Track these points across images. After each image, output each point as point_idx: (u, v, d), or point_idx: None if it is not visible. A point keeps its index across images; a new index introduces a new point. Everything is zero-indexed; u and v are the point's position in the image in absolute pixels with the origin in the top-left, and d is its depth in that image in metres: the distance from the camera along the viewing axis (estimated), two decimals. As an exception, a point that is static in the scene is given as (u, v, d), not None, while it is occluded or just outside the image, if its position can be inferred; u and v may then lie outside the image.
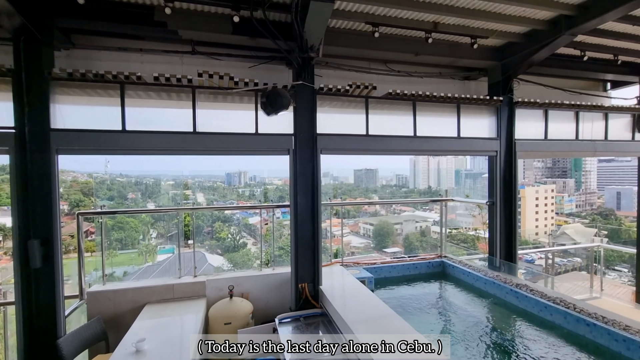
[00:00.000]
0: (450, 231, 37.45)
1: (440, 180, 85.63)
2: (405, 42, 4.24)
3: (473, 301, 4.60)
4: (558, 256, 29.24)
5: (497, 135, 4.77)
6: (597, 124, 5.27)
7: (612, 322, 3.23)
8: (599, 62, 5.04)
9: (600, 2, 3.40)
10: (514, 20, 3.82)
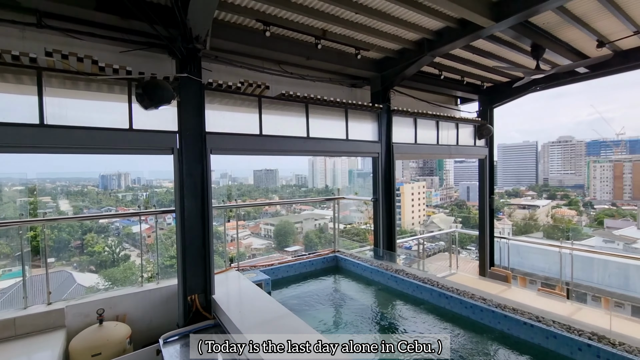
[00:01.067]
0: (345, 227, 40.33)
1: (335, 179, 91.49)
2: (298, 45, 4.34)
3: (362, 290, 5.04)
4: (428, 241, 34.50)
5: (378, 139, 5.34)
6: (451, 132, 6.46)
7: (462, 293, 3.98)
8: (452, 81, 6.17)
9: (450, 32, 4.15)
10: (389, 37, 4.33)
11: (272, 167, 59.07)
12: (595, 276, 13.84)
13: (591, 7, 3.75)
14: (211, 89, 3.74)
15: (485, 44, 4.75)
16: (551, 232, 35.45)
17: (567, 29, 4.23)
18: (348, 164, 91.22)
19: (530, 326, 3.23)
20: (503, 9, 3.52)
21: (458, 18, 3.88)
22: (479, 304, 3.70)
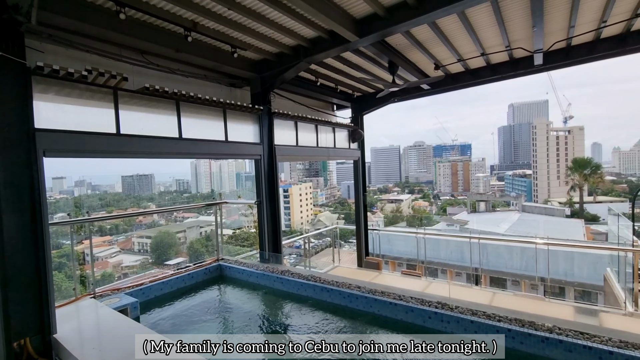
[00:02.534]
0: (234, 232, 38.84)
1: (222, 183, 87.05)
2: (164, 34, 3.89)
3: (248, 296, 4.89)
4: (316, 239, 36.40)
5: (260, 141, 5.29)
6: (329, 135, 6.95)
7: (341, 284, 4.30)
8: (327, 88, 6.63)
9: (323, 42, 4.43)
10: (266, 39, 4.33)
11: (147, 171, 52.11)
12: (442, 253, 17.09)
13: (429, 36, 4.59)
14: (43, 74, 2.97)
15: (353, 57, 5.27)
16: (412, 220, 42.36)
17: (414, 51, 5.08)
18: (235, 166, 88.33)
19: (395, 305, 3.72)
20: (365, 26, 3.96)
21: (329, 30, 4.17)
22: (354, 292, 4.06)
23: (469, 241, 8.16)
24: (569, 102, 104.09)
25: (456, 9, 3.40)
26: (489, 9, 3.86)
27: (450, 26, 4.32)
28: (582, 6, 3.90)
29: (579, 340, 2.75)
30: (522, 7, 3.84)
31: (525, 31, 4.45)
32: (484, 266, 16.47)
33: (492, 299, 4.72)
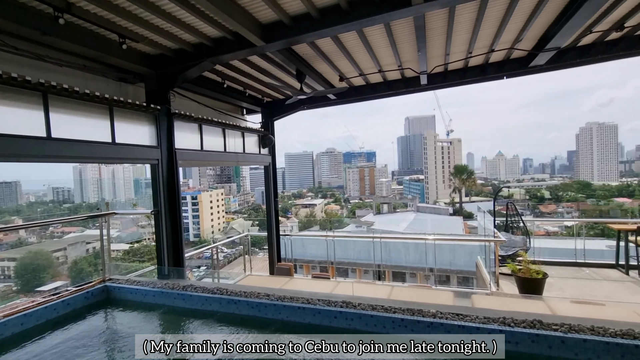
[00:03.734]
0: (132, 245, 34.31)
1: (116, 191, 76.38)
2: (26, 12, 3.19)
3: (143, 319, 4.32)
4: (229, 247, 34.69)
5: (157, 144, 4.78)
6: (238, 140, 6.72)
7: (249, 294, 4.15)
8: (236, 92, 6.42)
9: (228, 43, 4.27)
10: (163, 33, 3.95)
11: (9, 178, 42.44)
12: (352, 254, 18.13)
13: (333, 49, 4.86)
14: None
15: (262, 62, 5.22)
16: (324, 224, 44.03)
17: (320, 62, 5.30)
18: (133, 172, 78.21)
19: (303, 309, 3.76)
20: (271, 32, 3.96)
21: (234, 31, 4.04)
22: (263, 301, 3.97)
23: (372, 240, 8.85)
24: (450, 118, 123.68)
25: (354, 26, 3.67)
26: (383, 31, 4.28)
27: (351, 42, 4.65)
28: (453, 39, 4.65)
29: (455, 321, 3.21)
30: (410, 33, 4.38)
31: (413, 54, 5.09)
32: (387, 262, 18.06)
33: (390, 293, 5.19)
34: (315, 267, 20.78)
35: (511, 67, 5.70)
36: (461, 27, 4.37)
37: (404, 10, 3.28)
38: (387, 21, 3.77)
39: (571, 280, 6.89)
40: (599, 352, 2.75)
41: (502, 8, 3.91)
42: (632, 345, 2.69)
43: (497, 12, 3.99)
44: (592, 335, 2.82)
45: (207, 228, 63.30)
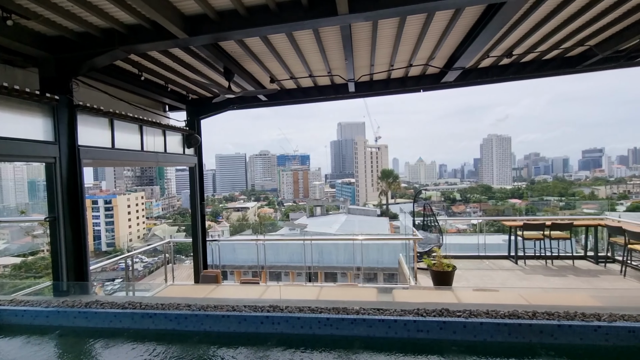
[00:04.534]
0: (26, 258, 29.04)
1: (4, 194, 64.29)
2: None
3: (32, 346, 3.65)
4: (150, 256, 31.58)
5: (55, 140, 4.11)
6: (159, 139, 6.18)
7: (168, 306, 3.82)
8: (156, 86, 5.90)
9: (145, 31, 3.89)
10: (62, 12, 3.42)
11: None
12: (285, 257, 18.06)
13: (263, 50, 4.79)
14: None
15: (187, 57, 4.89)
16: (257, 227, 43.07)
17: (249, 61, 5.18)
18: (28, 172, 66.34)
19: (227, 317, 3.59)
20: (195, 25, 3.73)
21: (152, 19, 3.70)
22: (183, 313, 3.68)
23: (303, 243, 8.92)
24: (378, 125, 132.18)
25: (283, 29, 3.68)
26: (312, 37, 4.37)
27: (281, 44, 4.65)
28: (377, 51, 4.98)
29: (376, 316, 3.40)
30: (337, 41, 4.55)
31: (341, 62, 5.30)
32: (319, 264, 18.37)
33: (319, 293, 5.28)
34: (247, 273, 20.18)
35: (427, 81, 6.32)
36: (384, 41, 4.69)
37: (330, 19, 3.39)
38: (315, 27, 3.86)
39: (475, 271, 7.87)
40: (492, 332, 3.17)
41: (417, 28, 4.31)
42: (517, 324, 3.17)
43: (413, 30, 4.38)
44: (487, 318, 3.25)
45: (123, 235, 56.91)
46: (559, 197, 78.20)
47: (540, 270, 7.57)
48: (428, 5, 3.30)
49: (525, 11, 3.96)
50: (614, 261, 7.70)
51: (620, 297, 5.76)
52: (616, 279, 6.87)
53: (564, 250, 8.12)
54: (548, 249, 7.86)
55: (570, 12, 4.08)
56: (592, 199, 74.17)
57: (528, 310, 3.27)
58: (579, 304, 3.59)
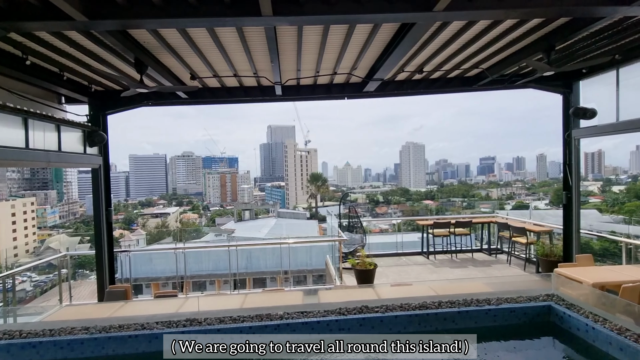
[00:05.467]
0: None
1: None
2: None
3: None
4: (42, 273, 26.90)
5: None
6: (51, 135, 5.26)
7: (59, 331, 3.25)
8: (48, 73, 5.03)
9: (30, 8, 3.28)
10: None
11: None
12: (210, 265, 17.06)
13: (181, 44, 4.45)
14: None
15: (88, 43, 4.27)
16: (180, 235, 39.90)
17: (166, 55, 4.77)
18: None
19: (135, 337, 3.21)
20: (97, 8, 3.28)
21: (40, -6, 3.14)
22: (79, 337, 3.17)
23: (228, 249, 8.54)
24: (308, 129, 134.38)
25: (203, 23, 3.48)
26: (236, 35, 4.22)
27: (203, 40, 4.38)
28: (303, 56, 5.05)
29: (299, 319, 3.40)
30: (263, 43, 4.48)
31: (267, 64, 5.23)
32: (248, 270, 17.80)
33: (243, 301, 5.09)
34: (166, 285, 18.55)
35: (350, 89, 6.65)
36: (309, 48, 4.78)
37: (254, 19, 3.32)
38: (238, 25, 3.73)
39: (394, 268, 8.50)
40: (405, 324, 3.44)
41: (340, 38, 4.50)
42: (425, 314, 3.50)
43: (337, 40, 4.56)
44: (401, 311, 3.51)
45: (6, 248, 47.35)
46: (462, 198, 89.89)
47: (447, 263, 8.53)
48: (349, 18, 3.46)
49: (431, 34, 4.44)
50: (502, 252, 9.10)
51: (505, 282, 6.82)
52: (504, 267, 8.12)
53: (466, 244, 9.31)
54: (453, 244, 8.93)
55: (466, 38, 4.71)
56: (487, 200, 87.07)
57: (435, 301, 3.64)
58: (475, 291, 4.13)
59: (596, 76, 6.22)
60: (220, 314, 3.51)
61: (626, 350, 2.73)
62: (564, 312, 3.35)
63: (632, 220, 25.56)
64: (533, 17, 3.94)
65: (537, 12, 3.66)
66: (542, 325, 3.49)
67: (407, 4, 3.28)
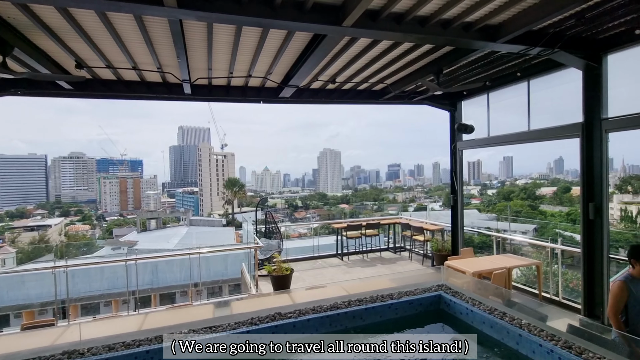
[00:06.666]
0: None
1: None
2: None
3: None
4: None
5: None
6: None
7: None
8: None
9: None
10: None
11: None
12: (104, 284, 14.79)
13: (62, 25, 3.77)
14: None
15: None
16: (65, 250, 33.74)
17: (42, 36, 3.99)
18: None
19: (-14, 385, 2.54)
20: None
21: None
22: None
23: (133, 263, 7.53)
24: (224, 133, 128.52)
25: (89, 5, 2.99)
26: (134, 24, 3.77)
27: (91, 24, 3.79)
28: (214, 55, 4.80)
29: (207, 334, 3.16)
30: (167, 36, 4.10)
31: (173, 59, 4.82)
32: (154, 285, 16.00)
33: (143, 322, 4.51)
34: (44, 312, 15.60)
35: (267, 94, 6.59)
36: (221, 47, 4.57)
37: (155, 8, 3.00)
38: (137, 13, 3.34)
39: (310, 271, 8.66)
40: (317, 326, 3.51)
41: (254, 41, 4.42)
42: (336, 314, 3.62)
43: (250, 42, 4.47)
44: (314, 314, 3.57)
45: None
46: (373, 202, 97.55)
47: (359, 264, 9.07)
48: (262, 21, 3.42)
49: (342, 47, 4.71)
50: (405, 250, 10.10)
51: (407, 277, 7.58)
52: (406, 263, 9.02)
53: (375, 244, 10.06)
54: (364, 245, 9.55)
55: (372, 55, 5.14)
56: (394, 203, 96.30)
57: (345, 300, 3.80)
58: (382, 287, 4.46)
59: (474, 98, 7.45)
60: (109, 340, 3.03)
61: (495, 327, 3.28)
62: (450, 299, 3.86)
63: (500, 218, 31.25)
64: (425, 42, 4.51)
65: (428, 39, 4.21)
66: (434, 313, 3.96)
67: (318, 15, 3.40)
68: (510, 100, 6.62)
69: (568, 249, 6.42)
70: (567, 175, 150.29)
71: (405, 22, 3.81)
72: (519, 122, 6.27)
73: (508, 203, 63.61)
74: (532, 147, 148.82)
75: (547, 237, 10.56)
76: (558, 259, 6.45)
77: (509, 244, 8.37)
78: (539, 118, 5.94)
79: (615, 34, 4.44)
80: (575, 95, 5.08)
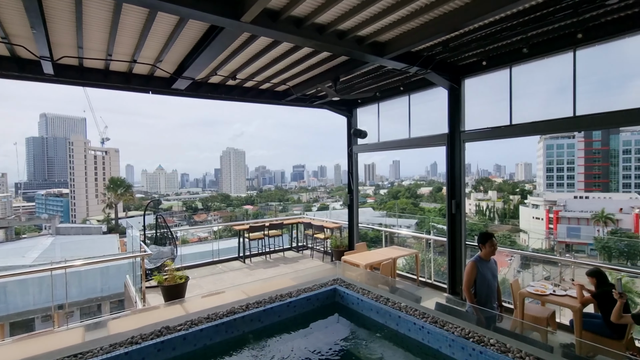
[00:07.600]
0: None
1: None
2: None
3: None
4: None
5: None
6: None
7: None
8: None
9: None
10: None
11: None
12: None
13: None
14: None
15: None
16: None
17: None
18: None
19: None
20: None
21: None
22: None
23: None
24: (106, 125, 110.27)
25: None
26: (-39, -26, 2.88)
27: None
28: (85, 32, 4.05)
29: (71, 365, 2.63)
30: (17, 0, 3.27)
31: (26, 29, 3.87)
32: (1, 313, 12.63)
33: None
34: None
35: (156, 84, 5.90)
36: (94, 23, 3.88)
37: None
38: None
39: (209, 277, 8.12)
40: (211, 335, 3.29)
41: (138, 21, 3.90)
42: (232, 320, 3.47)
43: (133, 22, 3.92)
44: (208, 323, 3.34)
45: None
46: (278, 202, 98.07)
47: (262, 265, 8.95)
48: (145, 1, 3.04)
49: (242, 43, 4.57)
50: (307, 248, 10.43)
51: (307, 274, 7.82)
52: (308, 261, 9.32)
53: (279, 245, 10.09)
54: (268, 246, 9.47)
55: (274, 55, 5.14)
56: (298, 203, 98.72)
57: (243, 304, 3.68)
58: (283, 286, 4.47)
59: (367, 106, 8.20)
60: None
61: (380, 312, 3.65)
62: (344, 292, 4.14)
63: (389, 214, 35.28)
64: (323, 49, 4.74)
65: (326, 47, 4.43)
66: (330, 306, 4.18)
67: (212, 5, 3.20)
68: (396, 110, 7.51)
69: (438, 238, 7.64)
70: (440, 177, 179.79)
71: (305, 27, 3.92)
72: (403, 130, 7.17)
73: (396, 201, 72.61)
74: (414, 152, 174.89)
75: (424, 230, 12.41)
76: (431, 248, 7.63)
77: (397, 237, 9.49)
78: (418, 128, 6.92)
79: (471, 62, 5.50)
80: (443, 110, 6.09)
